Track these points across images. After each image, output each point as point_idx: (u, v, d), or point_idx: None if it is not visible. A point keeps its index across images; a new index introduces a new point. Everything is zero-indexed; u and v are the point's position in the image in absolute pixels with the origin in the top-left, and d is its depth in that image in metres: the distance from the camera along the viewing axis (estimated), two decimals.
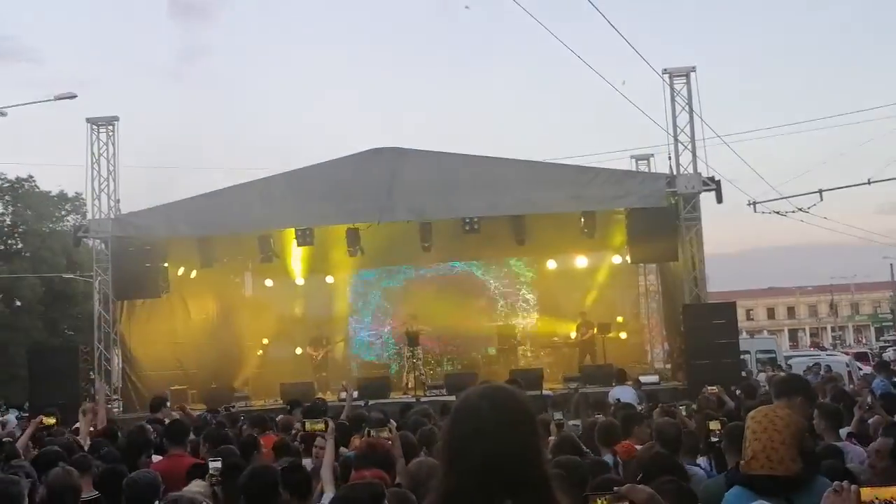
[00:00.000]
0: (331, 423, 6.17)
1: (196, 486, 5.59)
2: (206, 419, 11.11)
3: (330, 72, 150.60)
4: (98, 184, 19.01)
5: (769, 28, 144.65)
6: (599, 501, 2.52)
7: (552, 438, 7.45)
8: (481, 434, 2.10)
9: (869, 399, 8.68)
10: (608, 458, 6.25)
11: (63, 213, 41.60)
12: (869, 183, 20.46)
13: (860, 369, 26.02)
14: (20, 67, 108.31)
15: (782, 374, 14.27)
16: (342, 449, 7.22)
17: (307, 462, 6.69)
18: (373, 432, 6.29)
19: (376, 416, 8.36)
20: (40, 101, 23.22)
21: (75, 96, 21.47)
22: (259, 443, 7.57)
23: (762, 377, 18.44)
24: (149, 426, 8.75)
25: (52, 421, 8.58)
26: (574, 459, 4.94)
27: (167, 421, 9.28)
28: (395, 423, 7.19)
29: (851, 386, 16.98)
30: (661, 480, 4.13)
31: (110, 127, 19.24)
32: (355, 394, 17.21)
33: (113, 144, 19.20)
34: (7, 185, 39.19)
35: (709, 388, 11.39)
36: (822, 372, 19.26)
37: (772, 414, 3.57)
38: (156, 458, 7.43)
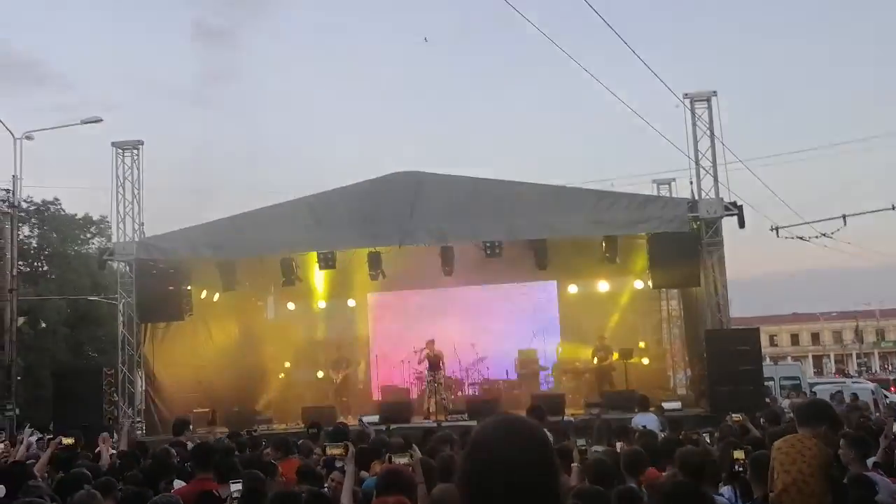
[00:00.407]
0: (351, 448, 6.17)
1: None
2: (224, 444, 11.12)
3: (351, 94, 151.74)
4: (123, 207, 19.22)
5: (790, 52, 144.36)
6: None
7: (575, 465, 7.40)
8: (498, 466, 2.11)
9: (895, 428, 8.57)
10: (632, 486, 6.18)
11: (88, 235, 42.01)
12: (893, 208, 20.31)
13: (886, 397, 25.72)
14: (47, 92, 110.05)
15: (806, 400, 14.09)
16: (363, 473, 7.22)
17: None
18: (394, 458, 6.29)
19: (397, 442, 8.35)
20: (66, 126, 23.61)
21: (101, 120, 21.85)
22: (277, 468, 7.57)
23: (786, 403, 18.26)
24: (172, 449, 8.81)
25: (70, 441, 8.64)
26: (595, 489, 4.91)
27: (190, 445, 9.32)
28: (417, 449, 7.18)
29: (877, 414, 16.79)
30: None
31: (135, 151, 19.47)
32: (376, 419, 17.26)
33: (138, 168, 19.44)
34: (33, 208, 39.61)
35: (733, 415, 11.30)
36: (846, 400, 19.03)
37: (799, 445, 3.54)
38: (178, 482, 7.45)
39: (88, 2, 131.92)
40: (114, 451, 10.44)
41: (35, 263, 40.59)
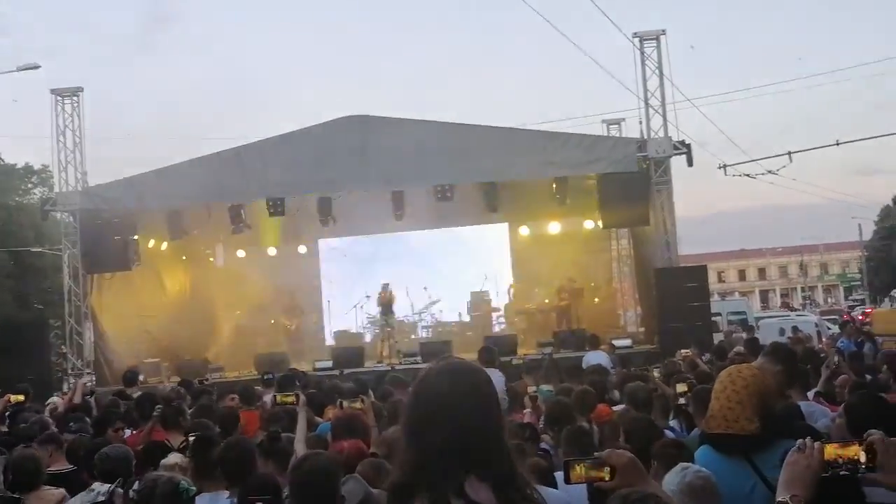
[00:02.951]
0: (302, 396, 6.19)
1: (174, 459, 5.58)
2: (169, 392, 10.97)
3: (299, 37, 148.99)
4: (64, 156, 18.75)
5: None
6: (579, 467, 2.49)
7: (528, 411, 7.54)
8: (441, 411, 2.11)
9: (836, 358, 8.82)
10: (583, 425, 6.27)
11: (29, 185, 41.00)
12: (837, 144, 20.67)
13: (829, 329, 26.41)
14: None
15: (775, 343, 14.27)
16: (317, 419, 7.24)
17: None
18: (346, 403, 6.32)
19: (349, 387, 8.38)
20: (2, 73, 22.82)
21: (38, 67, 21.11)
22: (237, 418, 7.55)
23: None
24: (120, 400, 8.76)
25: (20, 398, 8.54)
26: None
27: (135, 395, 9.28)
28: (372, 393, 7.23)
29: (820, 345, 17.27)
30: (662, 443, 4.16)
31: (75, 98, 18.94)
32: (329, 364, 17.28)
33: (78, 116, 18.93)
34: None
35: (682, 351, 11.51)
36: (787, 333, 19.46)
37: (735, 373, 3.59)
38: (129, 431, 7.41)
39: None
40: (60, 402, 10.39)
41: None
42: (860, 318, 33.57)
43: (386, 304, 19.46)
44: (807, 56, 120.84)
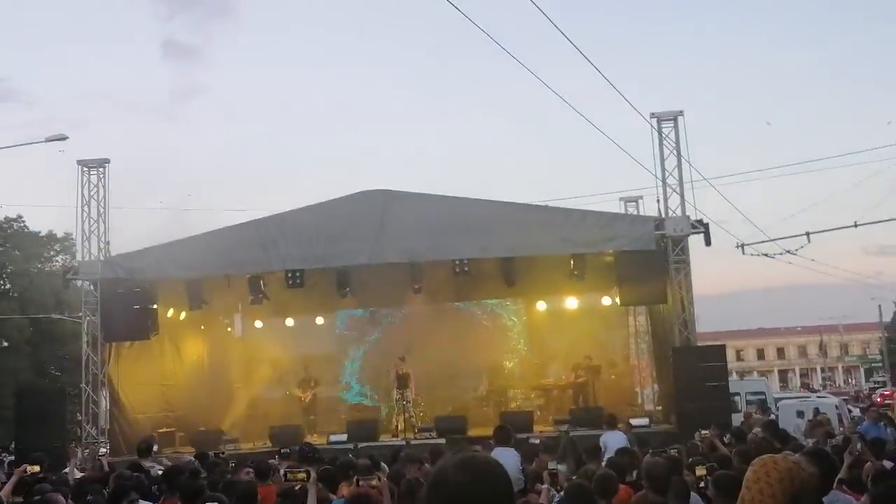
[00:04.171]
0: (312, 473, 6.14)
1: None
2: (191, 466, 10.92)
3: (320, 114, 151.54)
4: (88, 225, 19.01)
5: (755, 71, 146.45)
6: None
7: (545, 486, 7.44)
8: None
9: (859, 445, 8.68)
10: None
11: (52, 253, 41.48)
12: (856, 226, 20.66)
13: (850, 411, 25.98)
14: (11, 108, 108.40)
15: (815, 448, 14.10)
16: (331, 496, 7.17)
17: None
18: (361, 480, 6.27)
19: (364, 463, 8.30)
20: (31, 143, 23.31)
21: (66, 138, 21.50)
22: (256, 492, 7.47)
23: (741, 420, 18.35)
24: (136, 473, 8.70)
25: (36, 469, 8.50)
26: None
27: (152, 469, 9.22)
28: (387, 468, 7.17)
29: (842, 429, 16.97)
30: None
31: (101, 169, 19.28)
32: (344, 437, 17.15)
33: (103, 186, 19.24)
34: None
35: (703, 431, 11.36)
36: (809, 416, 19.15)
37: (771, 464, 3.51)
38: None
39: (54, 17, 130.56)
40: (81, 474, 10.33)
41: None
42: (878, 400, 33.05)
43: (402, 377, 19.38)
44: (827, 137, 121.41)
